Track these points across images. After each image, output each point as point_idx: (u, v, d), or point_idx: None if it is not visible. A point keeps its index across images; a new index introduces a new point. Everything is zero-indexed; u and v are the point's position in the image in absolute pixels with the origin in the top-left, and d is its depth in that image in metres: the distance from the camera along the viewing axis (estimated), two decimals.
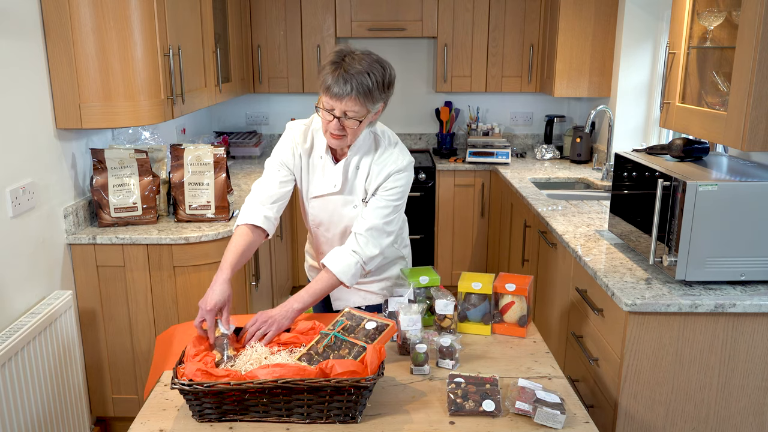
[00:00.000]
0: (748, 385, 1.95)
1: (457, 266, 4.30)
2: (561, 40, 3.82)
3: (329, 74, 1.75)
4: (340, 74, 1.73)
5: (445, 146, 4.44)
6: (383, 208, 1.92)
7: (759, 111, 1.91)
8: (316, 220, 2.05)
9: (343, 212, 2.00)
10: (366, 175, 1.95)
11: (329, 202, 2.00)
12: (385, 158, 1.94)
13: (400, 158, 1.95)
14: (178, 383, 1.45)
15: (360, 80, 1.74)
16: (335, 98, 1.76)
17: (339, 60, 1.76)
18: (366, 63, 1.76)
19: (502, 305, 1.94)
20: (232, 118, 4.66)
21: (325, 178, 1.98)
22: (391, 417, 1.53)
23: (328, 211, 2.01)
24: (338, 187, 1.96)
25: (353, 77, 1.73)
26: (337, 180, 1.95)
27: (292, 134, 2.01)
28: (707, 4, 2.25)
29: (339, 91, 1.74)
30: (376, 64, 1.78)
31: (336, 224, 2.03)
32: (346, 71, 1.74)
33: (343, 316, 1.73)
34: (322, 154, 1.97)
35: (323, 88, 1.77)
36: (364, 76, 1.74)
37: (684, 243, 1.92)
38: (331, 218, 2.02)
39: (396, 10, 4.11)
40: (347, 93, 1.74)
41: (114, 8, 2.38)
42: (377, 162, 1.94)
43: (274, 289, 3.49)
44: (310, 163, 2.00)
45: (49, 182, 2.44)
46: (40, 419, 2.18)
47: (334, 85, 1.74)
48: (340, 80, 1.73)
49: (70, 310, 2.38)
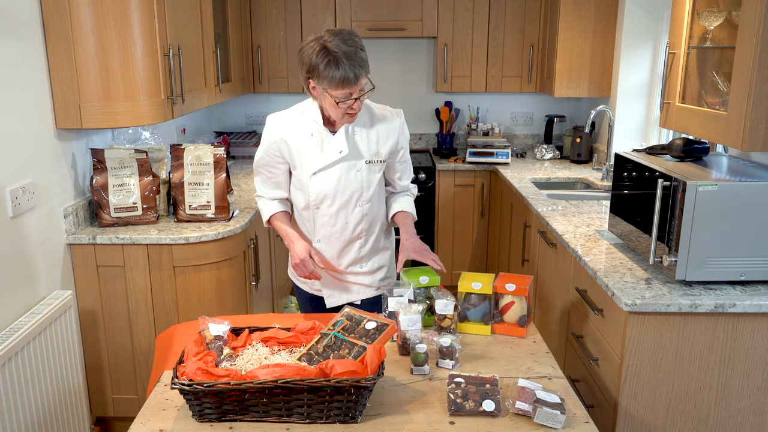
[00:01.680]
0: (748, 385, 1.95)
1: (457, 266, 4.30)
2: (561, 40, 3.82)
3: (334, 69, 1.84)
4: (343, 63, 1.83)
5: (445, 146, 4.44)
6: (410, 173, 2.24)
7: (759, 111, 1.91)
8: (320, 195, 2.07)
9: (348, 178, 2.06)
10: (366, 138, 2.07)
11: (333, 172, 2.05)
12: (387, 120, 2.10)
13: (397, 112, 2.13)
14: (178, 383, 1.45)
15: (361, 57, 1.87)
16: (352, 84, 1.87)
17: (327, 53, 1.84)
18: (349, 41, 1.86)
19: (502, 305, 1.94)
20: (232, 118, 4.66)
21: (325, 150, 2.04)
22: (391, 417, 1.53)
23: (333, 180, 2.06)
24: (345, 151, 2.03)
25: (354, 59, 1.85)
26: (342, 145, 2.03)
27: (272, 127, 2.09)
28: (707, 4, 2.25)
29: (353, 76, 1.85)
30: (354, 37, 1.89)
31: (341, 193, 2.07)
32: (347, 57, 1.84)
33: (343, 316, 1.73)
34: (312, 132, 2.05)
35: (334, 83, 1.86)
36: (359, 52, 1.87)
37: (684, 243, 1.92)
38: (336, 187, 2.06)
39: (396, 10, 4.11)
40: (361, 74, 1.87)
41: (114, 8, 2.38)
42: (378, 125, 2.09)
43: (274, 289, 3.49)
44: (300, 145, 2.06)
45: (49, 182, 2.44)
46: (40, 419, 2.18)
47: (349, 72, 1.84)
48: (348, 68, 1.84)
49: (70, 310, 2.38)
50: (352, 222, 2.10)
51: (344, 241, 2.12)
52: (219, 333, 1.69)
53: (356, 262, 2.16)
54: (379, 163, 2.09)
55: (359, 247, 2.14)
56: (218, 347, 1.65)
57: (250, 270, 2.88)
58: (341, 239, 2.12)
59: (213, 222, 2.72)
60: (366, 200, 2.09)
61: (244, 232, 2.76)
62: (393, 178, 2.20)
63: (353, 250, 2.14)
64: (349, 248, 2.14)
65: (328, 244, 2.13)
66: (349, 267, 2.16)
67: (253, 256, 2.90)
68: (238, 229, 2.67)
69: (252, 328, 1.77)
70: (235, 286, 2.73)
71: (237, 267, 2.73)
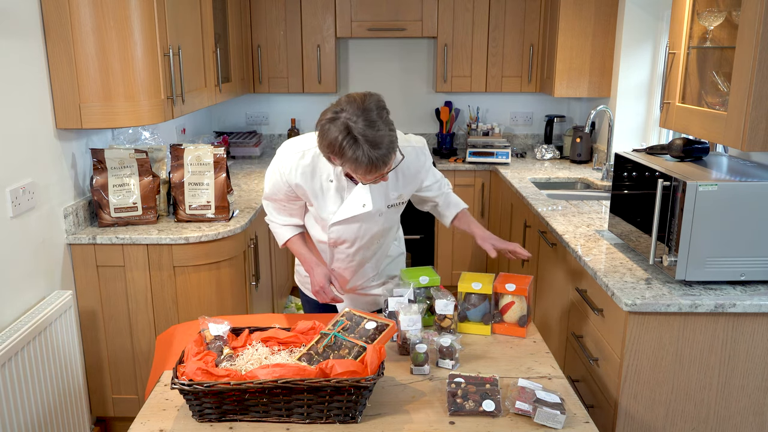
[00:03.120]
0: (748, 385, 1.94)
1: (457, 266, 4.30)
2: (561, 40, 3.82)
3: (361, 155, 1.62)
4: (371, 152, 1.62)
5: (445, 146, 4.44)
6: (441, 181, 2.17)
7: (759, 111, 1.91)
8: (339, 240, 2.03)
9: (370, 225, 2.00)
10: (392, 182, 1.93)
11: (355, 221, 1.98)
12: (410, 157, 1.92)
13: (421, 150, 2.01)
14: (178, 383, 1.45)
15: (390, 140, 1.65)
16: (382, 169, 1.68)
17: (352, 137, 1.62)
18: (375, 120, 1.64)
19: (502, 305, 1.94)
20: (232, 118, 4.66)
21: (346, 201, 1.94)
22: (391, 417, 1.53)
23: (354, 228, 2.00)
24: (368, 207, 1.91)
25: (381, 145, 1.63)
26: (367, 200, 1.91)
27: (286, 168, 1.93)
28: (707, 4, 2.25)
29: (382, 163, 1.66)
30: (378, 111, 1.66)
31: (362, 238, 2.03)
32: (375, 146, 1.62)
33: (343, 316, 1.73)
34: (331, 177, 1.91)
35: (361, 169, 1.67)
36: (389, 135, 1.65)
37: (684, 243, 1.92)
38: (357, 234, 2.02)
39: (396, 10, 4.11)
40: (389, 157, 1.67)
41: (114, 8, 2.38)
42: (401, 167, 1.89)
43: (274, 289, 3.49)
44: (317, 189, 1.94)
45: (49, 182, 2.44)
46: (40, 419, 2.18)
47: (378, 161, 1.64)
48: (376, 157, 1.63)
49: (70, 310, 2.38)
50: (369, 255, 2.13)
51: (359, 268, 2.16)
52: (219, 333, 1.69)
53: (368, 280, 2.21)
54: (401, 204, 2.04)
55: (373, 266, 2.19)
56: (218, 347, 1.65)
57: (250, 270, 2.88)
58: (356, 269, 2.15)
59: (213, 222, 2.72)
60: (384, 235, 2.10)
61: (244, 232, 2.76)
62: (429, 197, 2.14)
63: (367, 272, 2.19)
64: (362, 272, 2.18)
65: (342, 272, 2.16)
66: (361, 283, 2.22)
67: (253, 256, 2.90)
68: (238, 229, 2.67)
69: (252, 328, 1.77)
70: (235, 286, 2.73)
71: (237, 267, 2.73)
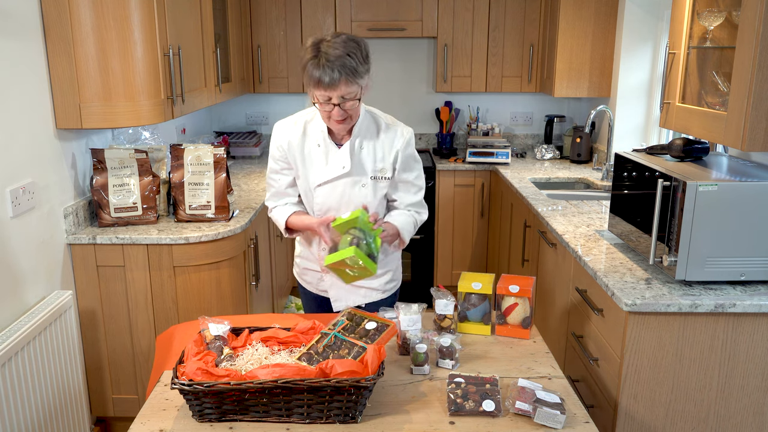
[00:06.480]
0: (748, 385, 1.95)
1: (457, 266, 4.30)
2: (561, 40, 3.82)
3: (314, 68, 1.83)
4: (324, 64, 1.81)
5: (445, 146, 4.44)
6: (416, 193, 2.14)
7: (759, 111, 1.91)
8: (324, 207, 2.08)
9: (352, 193, 2.05)
10: (372, 153, 2.04)
11: (337, 186, 2.04)
12: (390, 135, 2.06)
13: (404, 131, 2.08)
14: (178, 383, 1.45)
15: (343, 62, 1.82)
16: (329, 88, 1.84)
17: (316, 52, 1.84)
18: (341, 45, 1.84)
19: (506, 307, 1.93)
20: (232, 118, 4.65)
21: (329, 163, 2.03)
22: (391, 417, 1.53)
23: (337, 194, 2.05)
24: (347, 168, 2.02)
25: (336, 63, 1.81)
26: (346, 161, 2.02)
27: (280, 133, 2.08)
28: (707, 4, 2.25)
29: (329, 79, 1.82)
30: (351, 43, 1.86)
31: (346, 207, 2.06)
32: (328, 60, 1.81)
33: (343, 316, 1.73)
34: (319, 142, 2.04)
35: (313, 83, 1.85)
36: (345, 59, 1.83)
37: (684, 243, 1.92)
38: (340, 201, 2.06)
39: (396, 10, 4.11)
40: (337, 79, 1.82)
41: (114, 8, 2.38)
42: (383, 139, 2.05)
43: (274, 289, 3.49)
44: (306, 154, 2.06)
45: (49, 182, 2.44)
46: (40, 419, 2.18)
47: (323, 75, 1.82)
48: (327, 69, 1.81)
49: (70, 310, 2.38)
50: None
51: None
52: (219, 333, 1.69)
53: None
54: (384, 180, 2.07)
55: None
56: (218, 347, 1.65)
57: (250, 270, 2.88)
58: None
59: (213, 222, 2.72)
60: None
61: (244, 232, 2.76)
62: (391, 195, 2.13)
63: None
64: None
65: None
66: None
67: (253, 256, 2.90)
68: (238, 229, 2.67)
69: (252, 328, 1.77)
70: (235, 286, 2.73)
71: (237, 267, 2.73)
